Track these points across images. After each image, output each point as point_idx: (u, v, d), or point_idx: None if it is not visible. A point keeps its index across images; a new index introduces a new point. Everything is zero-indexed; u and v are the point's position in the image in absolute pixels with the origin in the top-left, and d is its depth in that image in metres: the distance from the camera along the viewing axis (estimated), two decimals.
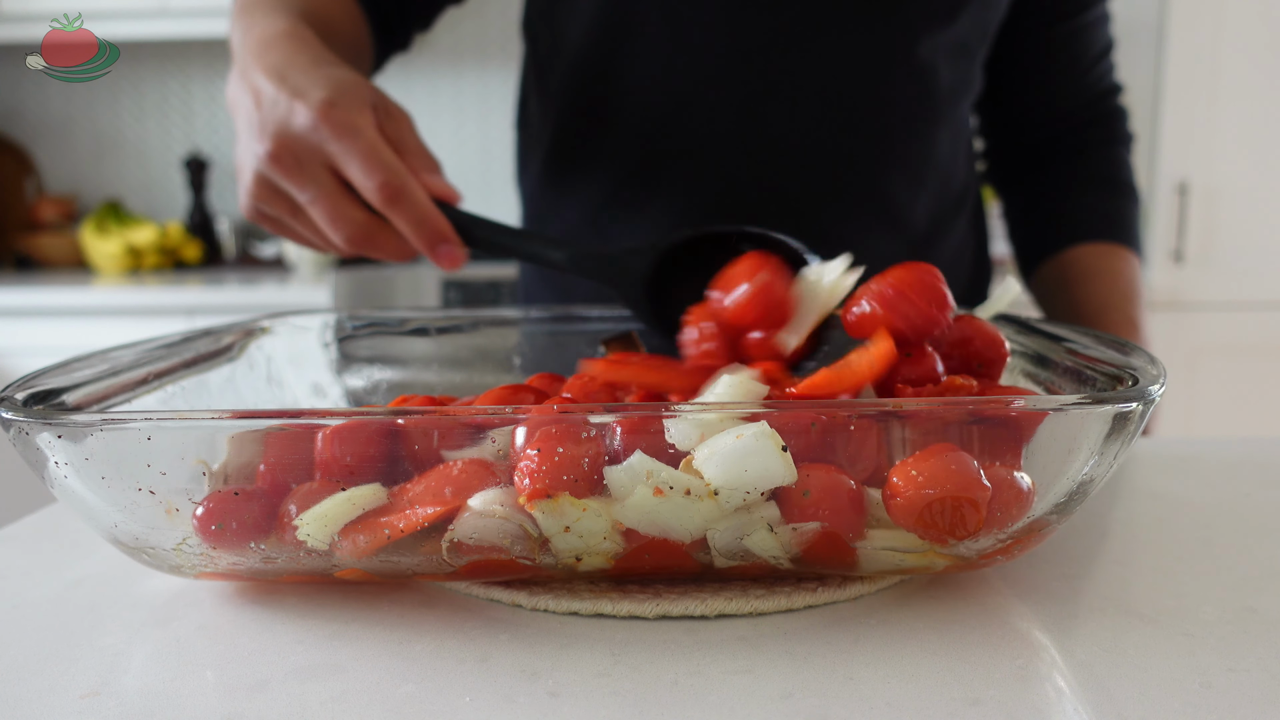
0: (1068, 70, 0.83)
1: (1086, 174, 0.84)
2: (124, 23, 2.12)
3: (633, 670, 0.34)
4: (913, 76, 0.73)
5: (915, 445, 0.36)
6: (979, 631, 0.37)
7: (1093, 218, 0.82)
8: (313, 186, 0.53)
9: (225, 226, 2.45)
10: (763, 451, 0.34)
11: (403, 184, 0.52)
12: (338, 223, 0.53)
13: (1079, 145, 0.85)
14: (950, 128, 0.77)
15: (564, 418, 0.35)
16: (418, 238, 0.53)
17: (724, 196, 0.74)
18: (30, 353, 1.95)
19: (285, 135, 0.52)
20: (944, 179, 0.78)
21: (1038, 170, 0.86)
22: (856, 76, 0.72)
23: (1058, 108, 0.84)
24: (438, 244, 0.54)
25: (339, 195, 0.53)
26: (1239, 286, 1.92)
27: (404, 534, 0.36)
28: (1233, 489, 0.54)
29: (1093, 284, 0.79)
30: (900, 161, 0.75)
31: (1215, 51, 1.85)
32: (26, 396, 0.38)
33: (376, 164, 0.51)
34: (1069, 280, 0.81)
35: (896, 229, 0.76)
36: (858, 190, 0.75)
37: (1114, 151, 0.85)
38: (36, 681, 0.34)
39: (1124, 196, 0.84)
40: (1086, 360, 0.42)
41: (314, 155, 0.52)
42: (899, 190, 0.76)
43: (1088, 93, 0.84)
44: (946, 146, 0.77)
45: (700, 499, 0.35)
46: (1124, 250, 0.81)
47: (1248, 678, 0.33)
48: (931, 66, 0.73)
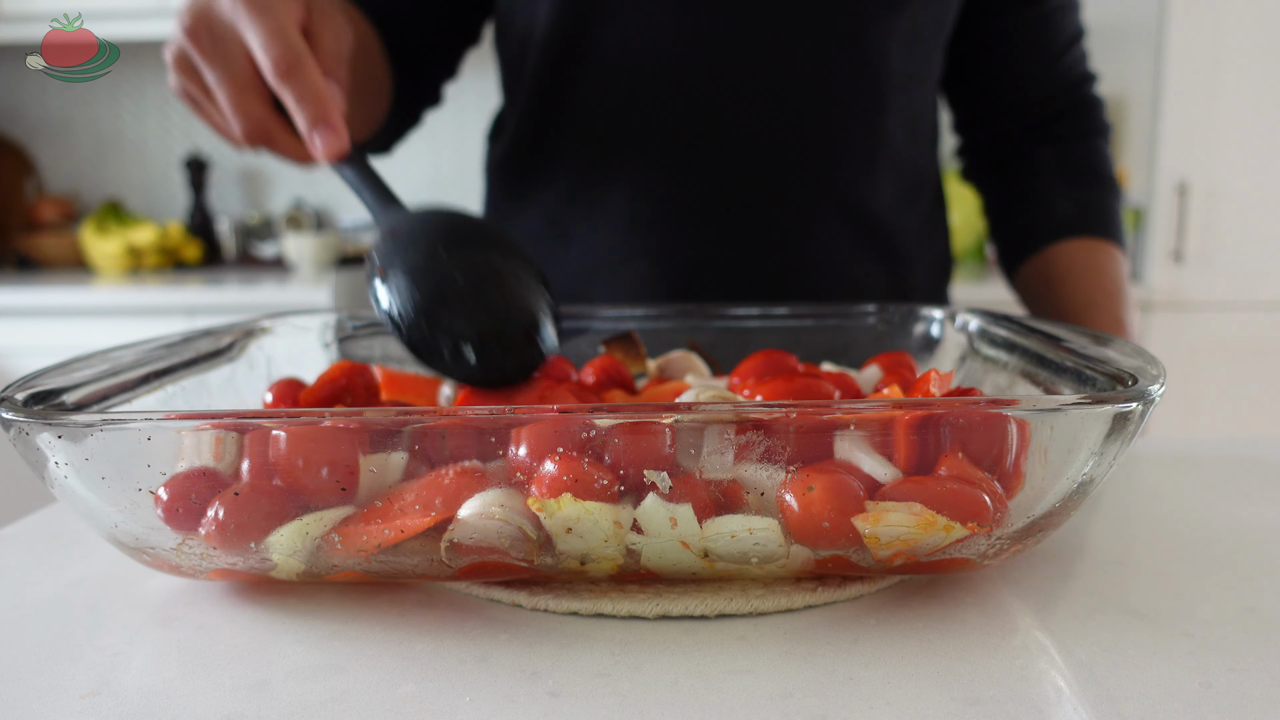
0: (1037, 57, 0.82)
1: (1065, 167, 0.83)
2: (124, 23, 2.12)
3: (633, 670, 0.34)
4: (862, 65, 0.73)
5: (916, 445, 0.36)
6: (979, 631, 0.37)
7: (1074, 213, 0.81)
8: (221, 66, 0.51)
9: (225, 226, 2.45)
10: (770, 541, 0.35)
11: (299, 61, 0.50)
12: (237, 112, 0.52)
13: (1055, 137, 0.84)
14: (905, 115, 0.77)
15: (564, 419, 0.35)
16: (301, 112, 0.51)
17: (679, 192, 0.74)
18: (30, 353, 1.95)
19: (204, 10, 0.51)
20: (900, 167, 0.78)
21: (1015, 164, 0.85)
22: (805, 67, 0.72)
23: (1030, 96, 0.83)
24: (318, 123, 0.50)
25: (245, 83, 0.52)
26: (1239, 286, 1.92)
27: (405, 538, 0.36)
28: (1233, 489, 0.54)
29: (1077, 282, 0.78)
30: (852, 150, 0.75)
31: (1215, 51, 1.84)
32: (26, 396, 0.38)
33: (278, 39, 0.50)
34: (1053, 278, 0.80)
35: (852, 218, 0.76)
36: (811, 180, 0.75)
37: (1092, 143, 0.84)
38: (36, 681, 0.34)
39: (1104, 189, 0.83)
40: (1086, 360, 0.42)
41: (228, 33, 0.51)
42: (853, 179, 0.75)
43: (1060, 81, 0.83)
44: (901, 134, 0.77)
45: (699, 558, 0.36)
46: (1107, 245, 0.80)
47: (1248, 678, 0.33)
48: (882, 54, 0.73)
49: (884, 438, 0.36)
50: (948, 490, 0.36)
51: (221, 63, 0.51)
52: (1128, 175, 1.97)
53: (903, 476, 0.36)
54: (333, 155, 0.51)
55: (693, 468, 0.36)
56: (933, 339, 0.61)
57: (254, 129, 0.53)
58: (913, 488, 0.36)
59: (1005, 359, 0.52)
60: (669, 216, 0.75)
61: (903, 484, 0.36)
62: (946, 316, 0.60)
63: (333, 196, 2.53)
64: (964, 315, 0.58)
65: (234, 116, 0.52)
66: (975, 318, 0.57)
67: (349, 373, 0.50)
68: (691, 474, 0.36)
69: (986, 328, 0.55)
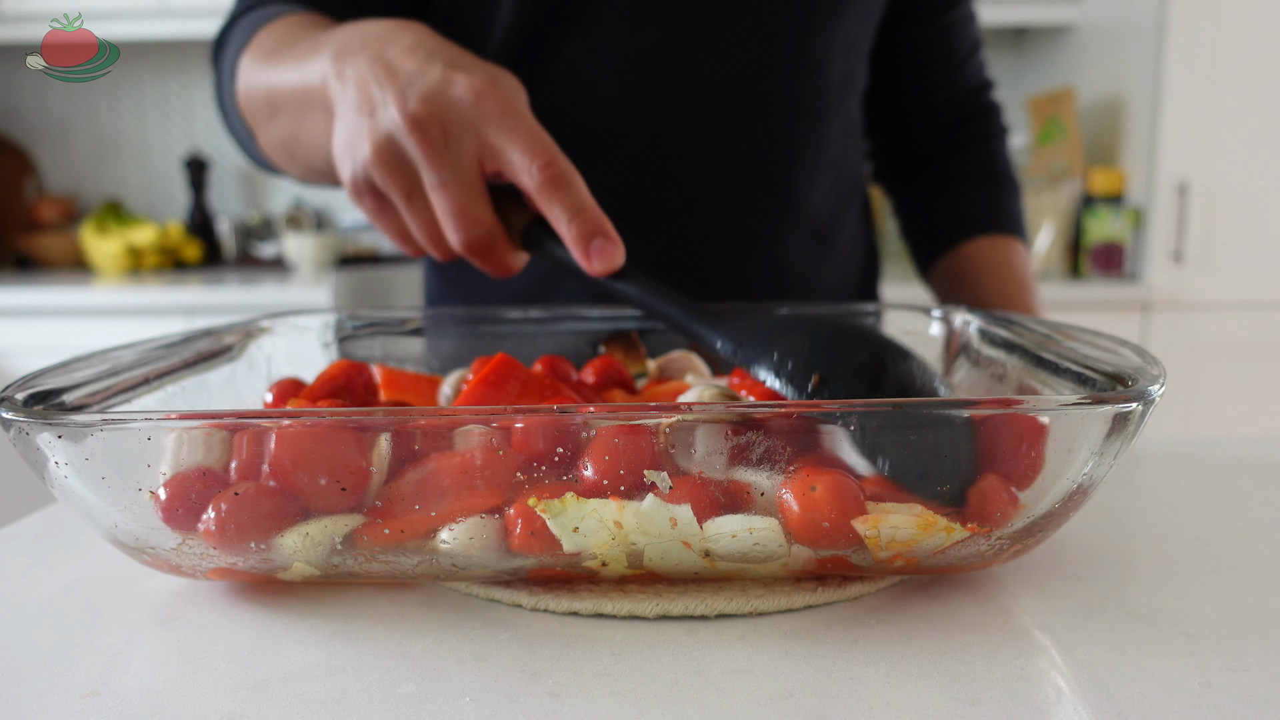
0: (943, 64, 0.87)
1: (970, 169, 0.89)
2: (124, 23, 2.12)
3: (633, 670, 0.34)
4: (806, 71, 0.75)
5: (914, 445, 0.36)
6: (979, 632, 0.37)
7: (981, 212, 0.87)
8: (451, 169, 0.47)
9: (225, 226, 2.45)
10: (770, 541, 0.35)
11: (568, 169, 0.47)
12: (463, 218, 0.48)
13: (960, 142, 0.89)
14: (842, 120, 0.80)
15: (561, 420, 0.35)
16: (573, 228, 0.47)
17: (637, 196, 0.74)
18: (30, 353, 1.95)
19: (439, 102, 0.46)
20: (838, 170, 0.81)
21: (924, 167, 0.91)
22: (756, 74, 0.74)
23: (936, 102, 0.89)
24: (594, 236, 0.47)
25: (475, 188, 0.48)
26: (1239, 286, 1.92)
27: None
28: (1233, 489, 0.54)
29: (990, 278, 0.83)
30: (798, 154, 0.77)
31: (1215, 51, 1.84)
32: (26, 396, 0.38)
33: (542, 146, 0.46)
34: (966, 275, 0.85)
35: (799, 219, 0.79)
36: (761, 183, 0.77)
37: (993, 146, 0.90)
38: (36, 681, 0.34)
39: (1008, 189, 0.89)
40: (1086, 360, 0.42)
41: (467, 132, 0.47)
42: (799, 181, 0.78)
43: (963, 87, 0.89)
44: (839, 138, 0.80)
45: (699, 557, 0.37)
46: (1013, 241, 0.86)
47: (1248, 678, 0.33)
48: (824, 60, 0.76)
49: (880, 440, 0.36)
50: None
51: (452, 165, 0.47)
52: (1128, 175, 1.98)
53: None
54: (612, 267, 0.47)
55: (692, 467, 0.36)
56: (932, 339, 0.61)
57: (479, 236, 0.49)
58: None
59: (1005, 359, 0.52)
60: (627, 219, 0.74)
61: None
62: (946, 316, 0.60)
63: (333, 196, 2.53)
64: (964, 315, 0.58)
65: (457, 224, 0.48)
66: (975, 317, 0.57)
67: (348, 372, 0.50)
68: (691, 474, 0.36)
69: (986, 328, 0.55)
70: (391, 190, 0.49)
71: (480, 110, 0.46)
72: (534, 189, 0.47)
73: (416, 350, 0.64)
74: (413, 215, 0.50)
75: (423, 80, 0.47)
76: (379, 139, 0.47)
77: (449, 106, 0.46)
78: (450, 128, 0.47)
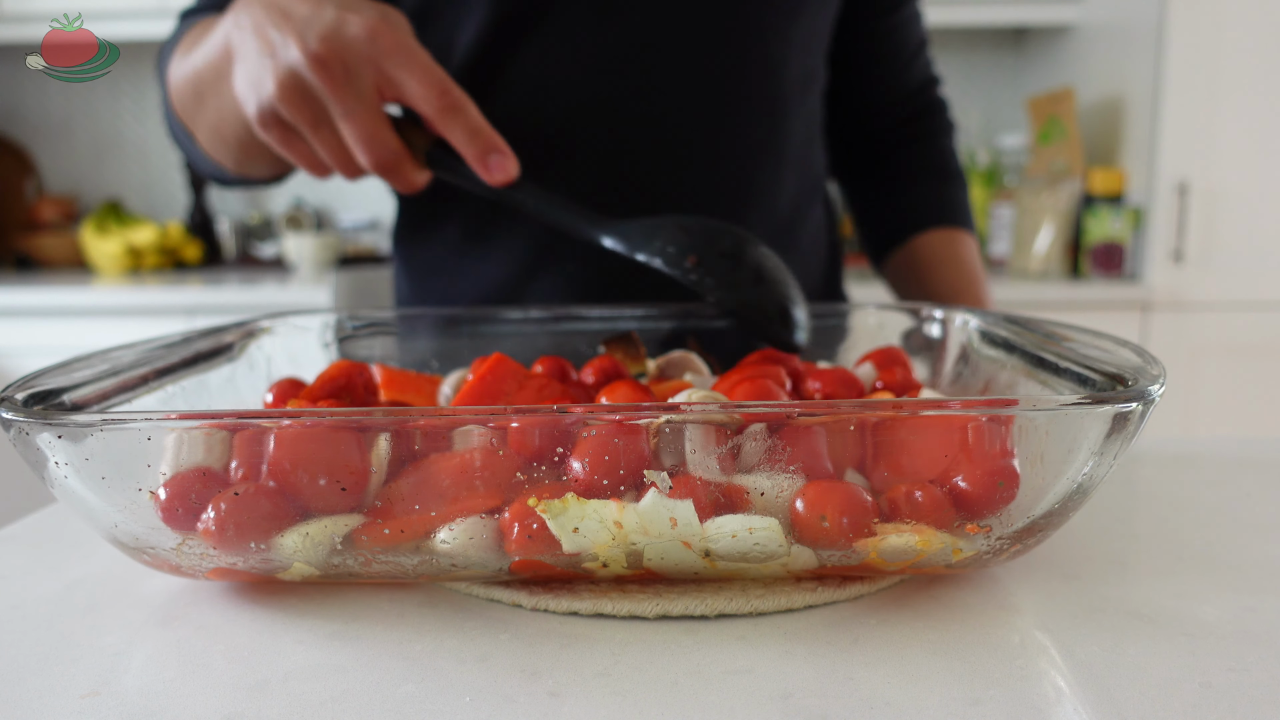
0: (892, 62, 0.90)
1: (919, 165, 0.92)
2: (124, 23, 2.12)
3: (633, 670, 0.34)
4: (765, 70, 0.77)
5: (914, 445, 0.36)
6: (979, 631, 0.37)
7: (931, 206, 0.90)
8: (355, 99, 0.52)
9: (225, 226, 2.45)
10: (770, 541, 0.35)
11: (460, 96, 0.53)
12: (370, 143, 0.53)
13: (910, 138, 0.92)
14: (802, 117, 0.81)
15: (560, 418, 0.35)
16: (472, 147, 0.54)
17: (605, 196, 0.75)
18: (30, 353, 1.95)
19: (337, 41, 0.51)
20: (800, 167, 0.82)
21: (876, 163, 0.93)
22: (715, 74, 0.75)
23: (887, 99, 0.91)
24: (490, 153, 0.54)
25: (378, 115, 0.53)
26: (1239, 286, 1.92)
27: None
28: (1233, 489, 0.54)
29: (941, 270, 0.87)
30: (759, 152, 0.78)
31: (1215, 51, 1.84)
32: (27, 396, 0.38)
33: (437, 77, 0.52)
34: (919, 265, 0.88)
35: (762, 216, 0.80)
36: (723, 181, 0.78)
37: (941, 142, 0.93)
38: (36, 681, 0.34)
39: (954, 183, 0.92)
40: (1086, 360, 0.42)
41: (366, 66, 0.52)
42: (761, 179, 0.79)
43: (912, 84, 0.91)
44: (800, 136, 0.82)
45: (700, 558, 0.37)
46: (962, 234, 0.89)
47: (1248, 678, 0.33)
48: (782, 60, 0.77)
49: (881, 440, 0.36)
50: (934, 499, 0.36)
51: (355, 96, 0.52)
52: (1128, 175, 1.97)
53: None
54: (510, 177, 0.55)
55: (689, 467, 0.36)
56: (932, 339, 0.61)
57: (386, 158, 0.54)
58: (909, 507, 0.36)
59: (1005, 359, 0.52)
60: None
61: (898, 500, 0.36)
62: (946, 316, 0.60)
63: (333, 197, 2.53)
64: (964, 315, 0.58)
65: (366, 148, 0.53)
66: (975, 318, 0.57)
67: (349, 372, 0.50)
68: (690, 473, 0.36)
69: (986, 328, 0.55)
70: (299, 122, 0.53)
71: (376, 46, 0.51)
72: (434, 115, 0.53)
73: (417, 350, 0.64)
74: (321, 143, 0.55)
75: (319, 21, 0.51)
76: (283, 76, 0.52)
77: (346, 44, 0.51)
78: (350, 63, 0.51)
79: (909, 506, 0.36)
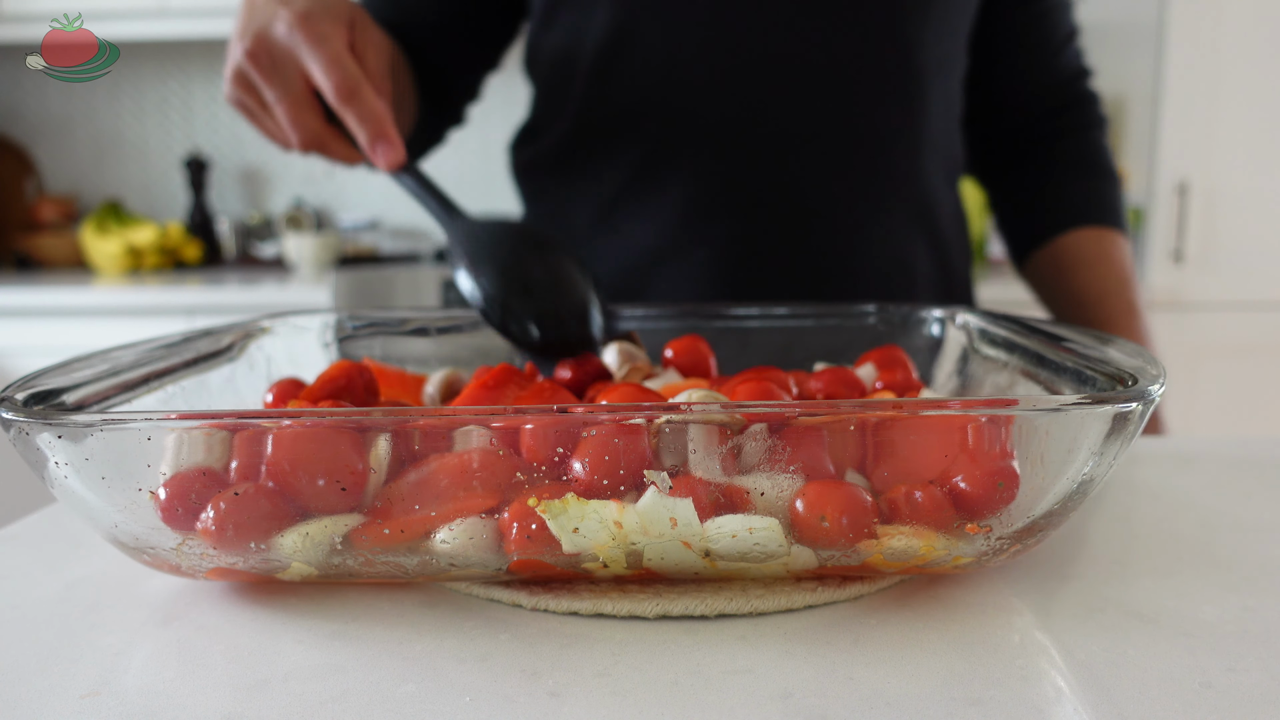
0: (1038, 53, 0.86)
1: (1068, 159, 0.87)
2: (124, 23, 2.12)
3: (633, 670, 0.34)
4: (900, 52, 0.76)
5: (914, 445, 0.36)
6: (979, 631, 0.37)
7: (1080, 203, 0.85)
8: (279, 86, 0.58)
9: (225, 226, 2.45)
10: (770, 541, 0.35)
11: (357, 85, 0.56)
12: (295, 125, 0.59)
13: (1057, 131, 0.88)
14: (942, 101, 0.80)
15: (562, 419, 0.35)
16: (362, 131, 0.57)
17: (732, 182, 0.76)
18: (30, 353, 1.95)
19: (263, 37, 0.57)
20: (940, 149, 0.81)
21: (1020, 158, 0.89)
22: (846, 57, 0.75)
23: (1032, 92, 0.87)
24: (378, 139, 0.57)
25: (301, 100, 0.58)
26: (1239, 286, 1.92)
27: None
28: (1233, 489, 0.54)
29: (1089, 271, 0.82)
30: (899, 133, 0.77)
31: (1215, 51, 1.84)
32: (27, 396, 0.38)
33: (336, 66, 0.56)
34: (1064, 268, 0.84)
35: (902, 200, 0.79)
36: (862, 164, 0.77)
37: (1091, 135, 0.88)
38: (36, 681, 0.34)
39: (1106, 180, 0.87)
40: (1086, 360, 0.42)
41: (286, 58, 0.57)
42: (901, 160, 0.78)
43: (1059, 75, 0.87)
44: (939, 120, 0.80)
45: (700, 557, 0.37)
46: (1114, 233, 0.84)
47: (1248, 678, 0.33)
48: (918, 42, 0.76)
49: (881, 440, 0.36)
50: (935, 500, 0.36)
51: (280, 83, 0.58)
52: (1128, 175, 1.97)
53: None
54: (392, 165, 0.57)
55: (689, 467, 0.36)
56: (933, 339, 0.61)
57: (310, 139, 0.60)
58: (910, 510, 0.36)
59: (1005, 359, 0.52)
60: (723, 206, 0.77)
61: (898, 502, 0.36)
62: (947, 316, 0.60)
63: (333, 197, 2.53)
64: (964, 315, 0.58)
65: (291, 129, 0.59)
66: (975, 317, 0.57)
67: (349, 372, 0.50)
68: (690, 474, 0.36)
69: (986, 328, 0.55)
70: (252, 105, 0.61)
71: (293, 40, 0.57)
72: (333, 101, 0.57)
73: (417, 350, 0.64)
74: (269, 123, 0.62)
75: (260, 18, 0.58)
76: (233, 68, 0.60)
77: (271, 39, 0.57)
78: (276, 56, 0.57)
79: (909, 507, 0.36)
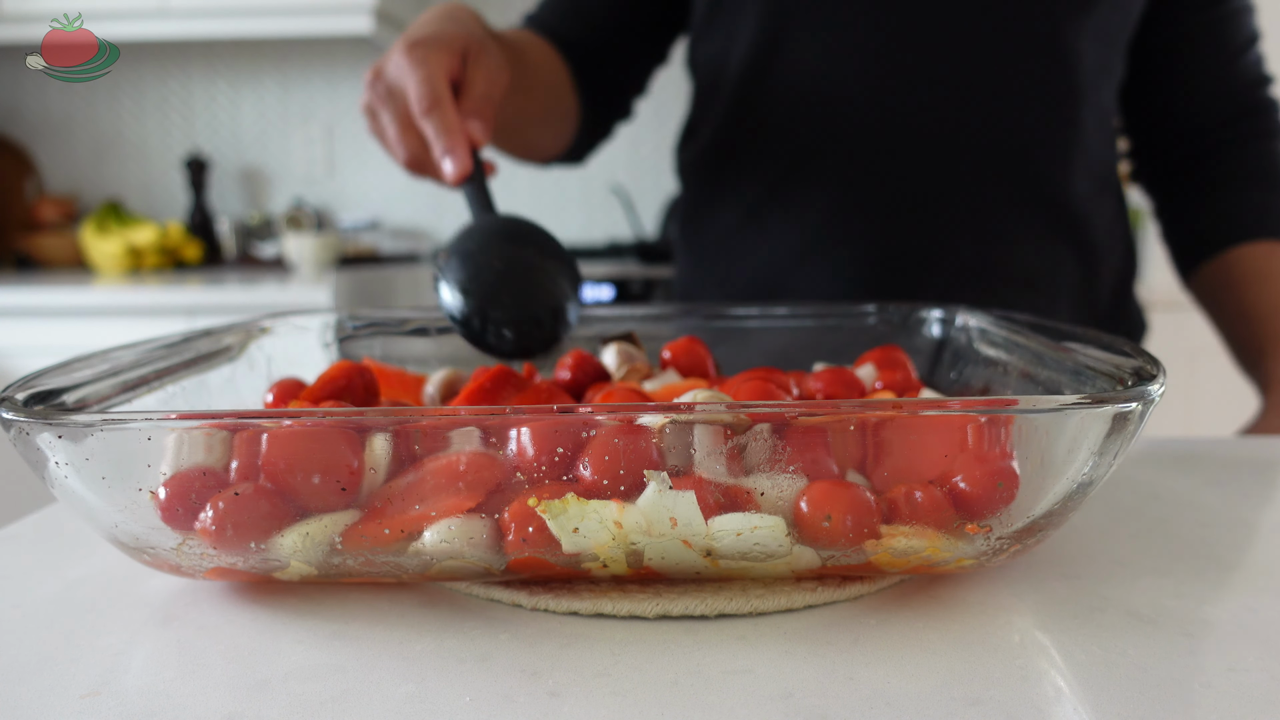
0: (1212, 60, 0.83)
1: (1243, 170, 0.84)
2: (124, 23, 2.12)
3: (633, 670, 0.34)
4: (1056, 60, 0.75)
5: (914, 445, 0.36)
6: (979, 631, 0.37)
7: (1253, 215, 0.82)
8: (389, 108, 0.62)
9: (225, 226, 2.45)
10: (772, 540, 0.35)
11: (437, 102, 0.59)
12: (399, 142, 0.63)
13: (1232, 140, 0.84)
14: (1096, 110, 0.78)
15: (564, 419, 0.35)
16: (434, 144, 0.60)
17: (877, 187, 0.77)
18: (30, 353, 1.95)
19: (381, 64, 0.63)
20: (1091, 159, 0.79)
21: (1190, 166, 0.86)
22: (1000, 65, 0.74)
23: (1205, 99, 0.84)
24: (446, 153, 0.59)
25: (406, 121, 0.62)
26: None
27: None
28: (1233, 489, 0.54)
29: (1260, 286, 0.79)
30: (1048, 141, 0.76)
31: None
32: (27, 396, 0.38)
33: (425, 86, 0.59)
34: (1233, 282, 0.81)
35: (1047, 208, 0.78)
36: (1008, 172, 0.76)
37: (1270, 145, 0.84)
38: (36, 681, 0.34)
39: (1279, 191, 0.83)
40: (1086, 360, 0.42)
41: (396, 82, 0.62)
42: (1048, 169, 0.77)
43: (1235, 83, 0.84)
44: (1092, 127, 0.78)
45: (701, 556, 0.37)
46: None
47: (1248, 678, 0.33)
48: (1075, 51, 0.75)
49: (881, 440, 0.36)
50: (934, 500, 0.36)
51: (389, 106, 0.62)
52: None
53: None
54: (455, 179, 0.60)
55: (690, 467, 0.36)
56: (933, 339, 0.61)
57: (412, 158, 0.63)
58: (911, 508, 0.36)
59: (1005, 359, 0.52)
60: (867, 210, 0.78)
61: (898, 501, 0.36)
62: (947, 316, 0.60)
63: (333, 197, 2.53)
64: (964, 315, 0.58)
65: (397, 147, 0.63)
66: (975, 317, 0.57)
67: (349, 373, 0.50)
68: (690, 473, 0.36)
69: (987, 328, 0.55)
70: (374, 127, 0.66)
71: (399, 64, 0.61)
72: (414, 117, 0.61)
73: (417, 350, 0.64)
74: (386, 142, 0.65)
75: (385, 56, 0.63)
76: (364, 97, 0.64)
77: (384, 69, 0.62)
78: (390, 85, 0.62)
79: (909, 507, 0.36)
